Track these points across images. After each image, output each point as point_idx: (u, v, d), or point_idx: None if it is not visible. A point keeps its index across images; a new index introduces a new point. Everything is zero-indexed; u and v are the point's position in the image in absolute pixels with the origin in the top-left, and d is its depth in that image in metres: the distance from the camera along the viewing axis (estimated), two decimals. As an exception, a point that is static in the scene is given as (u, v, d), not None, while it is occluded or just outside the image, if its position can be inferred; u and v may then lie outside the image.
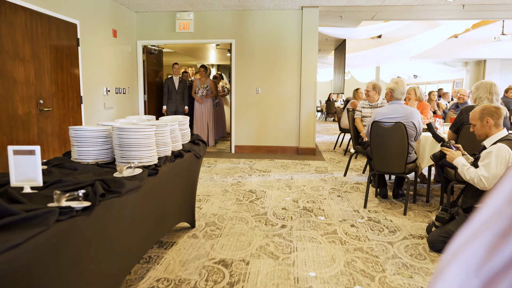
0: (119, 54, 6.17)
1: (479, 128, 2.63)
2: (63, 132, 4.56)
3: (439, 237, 2.63)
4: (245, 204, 3.73)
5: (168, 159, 2.30)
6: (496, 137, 2.54)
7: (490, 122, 2.56)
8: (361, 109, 4.89)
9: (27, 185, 1.50)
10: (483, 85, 3.34)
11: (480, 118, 2.60)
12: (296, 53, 6.61)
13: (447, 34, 10.10)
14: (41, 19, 4.15)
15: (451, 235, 2.58)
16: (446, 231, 2.62)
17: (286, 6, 6.35)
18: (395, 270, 2.37)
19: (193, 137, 3.08)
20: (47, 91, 4.28)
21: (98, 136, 2.08)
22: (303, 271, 2.35)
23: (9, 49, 3.69)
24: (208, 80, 7.35)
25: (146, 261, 2.45)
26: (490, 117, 2.56)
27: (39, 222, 1.17)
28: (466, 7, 6.18)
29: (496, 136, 2.55)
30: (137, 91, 6.91)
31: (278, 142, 6.86)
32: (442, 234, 2.63)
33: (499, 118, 2.56)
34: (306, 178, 4.88)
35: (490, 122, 2.56)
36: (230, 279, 2.23)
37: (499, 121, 2.57)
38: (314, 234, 2.97)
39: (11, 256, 0.99)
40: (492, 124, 2.56)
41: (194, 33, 6.75)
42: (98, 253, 1.48)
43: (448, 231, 2.61)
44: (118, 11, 6.08)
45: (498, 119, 2.56)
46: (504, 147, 2.41)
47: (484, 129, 2.60)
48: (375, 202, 3.83)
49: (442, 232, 2.65)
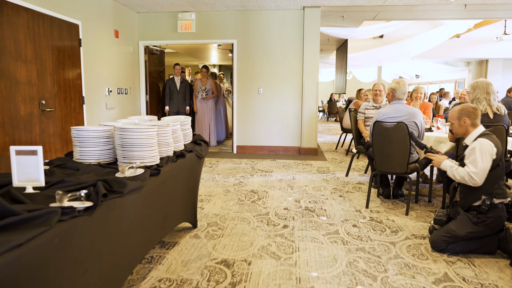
0: (121, 54, 6.18)
1: (457, 127, 2.73)
2: (65, 132, 4.57)
3: (441, 237, 2.62)
4: (247, 204, 3.72)
5: (170, 159, 2.30)
6: (475, 134, 2.64)
7: (467, 122, 2.66)
8: (364, 111, 4.87)
9: (29, 185, 1.50)
10: (480, 85, 3.33)
11: (458, 118, 2.70)
12: (298, 53, 6.61)
13: (449, 34, 10.08)
14: (43, 20, 4.16)
15: (453, 234, 2.58)
16: (448, 230, 2.61)
17: (287, 6, 6.35)
18: (397, 270, 2.36)
19: (195, 137, 3.08)
20: (49, 92, 4.29)
21: (100, 137, 2.08)
22: (305, 271, 2.35)
23: (12, 50, 3.70)
24: (209, 81, 7.36)
25: (148, 261, 2.45)
26: (467, 117, 2.66)
27: (41, 222, 1.17)
28: (468, 6, 6.16)
29: (475, 133, 2.65)
30: (139, 91, 6.92)
31: (280, 142, 6.86)
32: (444, 234, 2.62)
33: (475, 118, 2.66)
34: (308, 178, 4.88)
35: (467, 122, 2.66)
36: (232, 279, 2.23)
37: (476, 121, 2.66)
38: (316, 234, 2.96)
39: (13, 256, 0.99)
40: (469, 124, 2.66)
41: (196, 33, 6.76)
42: (100, 253, 1.48)
43: (450, 230, 2.60)
44: (120, 11, 6.09)
45: (475, 119, 2.66)
46: (485, 141, 2.51)
47: (462, 128, 2.70)
48: (377, 202, 3.82)
49: (443, 231, 2.64)
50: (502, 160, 2.54)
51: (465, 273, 2.34)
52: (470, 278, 2.28)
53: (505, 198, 2.53)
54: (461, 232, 2.56)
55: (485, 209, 2.49)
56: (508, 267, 2.42)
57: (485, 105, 3.28)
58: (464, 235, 2.55)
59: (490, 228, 2.52)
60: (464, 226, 2.57)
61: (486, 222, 2.51)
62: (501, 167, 2.52)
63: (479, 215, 2.53)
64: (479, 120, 2.67)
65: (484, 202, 2.50)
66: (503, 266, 2.44)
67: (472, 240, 2.57)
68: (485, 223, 2.51)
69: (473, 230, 2.54)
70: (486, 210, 2.49)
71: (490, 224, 2.51)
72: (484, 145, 2.49)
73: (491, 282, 2.23)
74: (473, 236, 2.55)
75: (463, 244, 2.58)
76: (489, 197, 2.50)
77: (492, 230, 2.54)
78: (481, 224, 2.52)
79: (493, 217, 2.50)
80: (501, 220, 2.52)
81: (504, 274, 2.33)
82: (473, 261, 2.51)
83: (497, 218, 2.50)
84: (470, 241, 2.57)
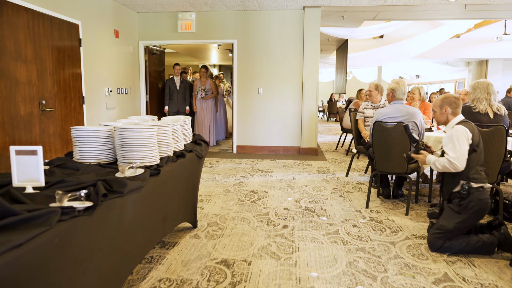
0: (121, 54, 6.18)
1: (438, 115, 2.83)
2: (65, 132, 4.57)
3: (434, 235, 2.65)
4: (247, 204, 3.72)
5: (170, 159, 2.30)
6: (453, 122, 2.74)
7: (447, 111, 2.76)
8: (363, 110, 4.87)
9: (29, 185, 1.50)
10: (481, 86, 3.33)
11: (440, 106, 2.80)
12: (298, 53, 6.61)
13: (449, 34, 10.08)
14: (43, 20, 4.16)
15: (443, 229, 2.60)
16: (438, 227, 2.65)
17: (288, 6, 6.35)
18: (397, 270, 2.36)
19: (195, 137, 3.08)
20: (49, 92, 4.29)
21: (100, 137, 2.08)
22: (305, 271, 2.35)
23: (12, 50, 3.70)
24: (208, 81, 7.34)
25: (148, 261, 2.45)
26: (448, 106, 2.76)
27: (41, 222, 1.17)
28: (468, 7, 6.16)
29: (454, 121, 2.74)
30: (139, 91, 6.92)
31: (280, 142, 6.86)
32: (436, 231, 2.65)
33: (456, 107, 2.75)
34: (308, 178, 4.88)
35: (447, 110, 2.76)
36: (232, 279, 2.23)
37: (457, 110, 2.76)
38: (316, 234, 2.96)
39: (13, 256, 0.99)
40: (450, 113, 2.76)
41: (196, 33, 6.76)
42: (100, 253, 1.48)
43: (440, 226, 2.64)
44: (120, 11, 6.09)
45: (456, 108, 2.76)
46: (459, 127, 2.60)
47: (443, 116, 2.80)
48: (377, 202, 3.82)
49: (435, 229, 2.68)
50: (480, 146, 2.61)
51: (465, 273, 2.34)
52: (470, 278, 2.28)
53: (483, 183, 2.59)
54: (450, 225, 2.60)
55: (465, 194, 2.56)
56: (508, 267, 2.42)
57: (485, 105, 3.28)
58: (452, 227, 2.59)
59: (475, 212, 2.56)
60: (450, 218, 2.62)
61: (469, 207, 2.55)
62: (478, 152, 2.59)
63: (461, 202, 2.58)
64: (460, 109, 2.76)
65: (463, 187, 2.57)
66: (503, 266, 2.44)
67: (471, 237, 2.58)
68: (467, 208, 2.56)
69: (459, 219, 2.58)
70: (466, 195, 2.56)
71: (473, 208, 2.55)
72: (459, 130, 2.58)
73: (491, 282, 2.23)
74: (462, 226, 2.58)
75: (460, 241, 2.58)
76: (467, 181, 2.57)
77: (477, 215, 2.57)
78: (464, 211, 2.57)
79: (474, 200, 2.54)
80: (484, 203, 2.55)
81: (504, 274, 2.33)
82: (473, 261, 2.51)
83: (478, 202, 2.54)
84: (469, 240, 2.57)
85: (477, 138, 2.60)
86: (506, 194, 3.94)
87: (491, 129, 3.06)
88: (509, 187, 4.48)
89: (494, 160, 3.08)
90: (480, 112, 3.28)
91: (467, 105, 3.42)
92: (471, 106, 3.35)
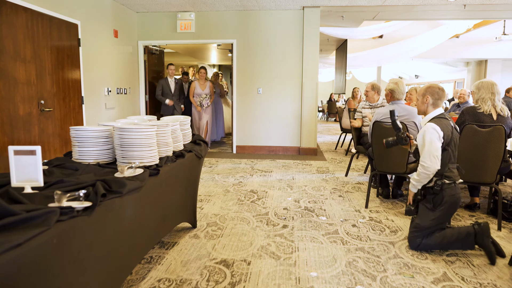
0: (120, 54, 6.18)
1: (420, 104, 2.77)
2: (64, 132, 4.57)
3: (412, 234, 2.68)
4: (246, 204, 3.72)
5: (170, 159, 2.30)
6: (430, 116, 2.68)
7: (428, 100, 2.70)
8: (361, 110, 4.87)
9: (28, 185, 1.50)
10: (485, 85, 3.31)
11: (422, 95, 2.74)
12: (298, 53, 6.61)
13: (448, 34, 10.09)
14: (42, 20, 4.16)
15: (419, 227, 2.64)
16: (414, 225, 2.67)
17: (287, 6, 6.35)
18: (396, 270, 2.36)
19: (194, 137, 3.08)
20: (48, 92, 4.28)
21: (99, 137, 2.08)
22: (304, 271, 2.35)
23: (10, 50, 3.70)
24: (207, 84, 7.11)
25: (147, 261, 2.45)
26: (430, 95, 2.70)
27: (40, 222, 1.17)
28: (467, 7, 6.17)
29: (430, 115, 2.69)
30: (138, 91, 6.91)
31: (280, 142, 6.86)
32: (413, 230, 2.67)
33: (439, 99, 2.70)
34: (307, 178, 4.88)
35: (428, 100, 2.70)
36: (231, 279, 2.23)
37: (438, 102, 2.70)
38: (316, 234, 2.96)
39: (12, 256, 0.98)
40: (430, 103, 2.70)
41: (196, 33, 6.75)
42: (99, 253, 1.48)
43: (416, 224, 2.66)
44: (119, 11, 6.09)
45: (438, 100, 2.69)
46: (429, 127, 2.54)
47: (423, 105, 2.74)
48: (376, 202, 3.82)
49: (412, 228, 2.70)
50: (452, 144, 2.59)
51: (464, 272, 2.34)
52: (469, 277, 2.28)
53: (454, 180, 2.60)
54: (425, 223, 2.61)
55: (438, 189, 2.57)
56: (507, 267, 2.42)
57: (490, 105, 3.26)
58: (428, 224, 2.60)
59: (447, 208, 2.58)
60: (425, 216, 2.63)
61: (442, 203, 2.57)
62: (449, 151, 2.58)
63: (434, 198, 2.59)
64: (441, 102, 2.72)
65: (436, 183, 2.58)
66: (502, 265, 2.44)
67: (447, 230, 2.61)
68: (441, 205, 2.58)
69: (434, 216, 2.59)
70: (438, 190, 2.57)
71: (445, 204, 2.57)
72: (428, 132, 2.53)
73: (490, 282, 2.23)
74: (437, 223, 2.60)
75: (437, 236, 2.60)
76: (439, 178, 2.58)
77: (450, 209, 2.60)
78: (438, 208, 2.59)
79: (446, 196, 2.56)
80: (456, 198, 2.58)
81: (502, 274, 2.33)
82: (472, 260, 2.51)
83: (450, 197, 2.56)
84: (445, 234, 2.59)
85: (449, 136, 2.55)
86: (505, 194, 3.95)
87: (490, 129, 3.06)
88: (508, 187, 4.49)
89: (492, 160, 3.08)
90: (484, 112, 3.26)
91: (471, 106, 3.39)
92: (476, 107, 3.31)
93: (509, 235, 2.98)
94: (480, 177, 3.16)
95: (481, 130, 3.08)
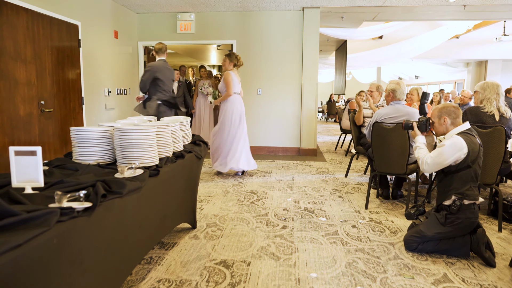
0: (120, 55, 6.18)
1: (437, 126, 2.73)
2: (65, 133, 4.57)
3: (411, 237, 2.65)
4: (246, 205, 3.72)
5: (169, 160, 2.30)
6: (453, 132, 2.61)
7: (446, 121, 2.66)
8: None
9: (28, 185, 1.50)
10: (490, 86, 3.32)
11: (438, 116, 2.69)
12: (297, 54, 6.61)
13: (448, 34, 10.10)
14: (43, 20, 4.16)
15: (421, 235, 2.60)
16: (417, 231, 2.64)
17: (287, 7, 6.36)
18: (396, 271, 2.36)
19: (194, 138, 3.08)
20: (48, 92, 4.29)
21: (99, 137, 2.08)
22: (304, 272, 2.35)
23: (11, 50, 3.70)
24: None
25: (147, 262, 2.45)
26: (447, 116, 2.65)
27: (40, 222, 1.17)
28: (467, 7, 6.17)
29: (455, 130, 2.62)
30: (138, 92, 6.90)
31: (279, 143, 6.86)
32: (414, 234, 2.65)
33: (456, 117, 2.65)
34: (307, 179, 4.88)
35: (446, 121, 2.66)
36: (231, 280, 2.23)
37: (457, 120, 2.65)
38: (315, 235, 2.96)
39: (12, 257, 0.99)
40: (449, 123, 2.66)
41: (195, 34, 6.76)
42: (99, 254, 1.48)
43: (419, 231, 2.63)
44: (119, 12, 6.09)
45: (455, 119, 2.65)
46: (459, 138, 2.50)
47: (441, 127, 2.70)
48: (376, 203, 3.82)
49: (413, 232, 2.67)
50: (476, 161, 2.51)
51: (465, 273, 2.34)
52: (470, 279, 2.28)
53: (475, 200, 2.53)
54: (429, 233, 2.57)
55: (455, 210, 2.50)
56: (508, 268, 2.42)
57: (495, 106, 3.27)
58: (431, 235, 2.57)
59: (459, 229, 2.52)
60: (432, 226, 2.59)
61: (455, 222, 2.51)
62: (473, 169, 2.51)
63: (448, 215, 2.53)
64: (460, 119, 2.66)
65: (454, 202, 2.51)
66: (503, 267, 2.44)
67: (442, 241, 2.57)
68: (453, 223, 2.52)
69: (441, 230, 2.55)
70: (456, 211, 2.50)
71: (458, 224, 2.51)
72: (456, 141, 2.49)
73: (491, 283, 2.23)
74: (440, 236, 2.56)
75: (433, 244, 2.58)
76: (460, 197, 2.51)
77: (461, 231, 2.53)
78: (449, 224, 2.53)
79: (462, 218, 2.50)
80: (470, 222, 2.51)
81: (503, 275, 2.33)
82: (472, 261, 2.51)
83: (465, 220, 2.50)
84: (440, 242, 2.57)
85: (474, 155, 2.48)
86: (505, 195, 3.95)
87: (490, 130, 3.06)
88: (508, 188, 4.49)
89: (493, 161, 3.08)
90: (487, 113, 3.27)
91: (474, 106, 3.40)
92: (480, 107, 3.31)
93: (510, 236, 2.98)
94: (481, 178, 3.15)
95: (481, 131, 3.09)
